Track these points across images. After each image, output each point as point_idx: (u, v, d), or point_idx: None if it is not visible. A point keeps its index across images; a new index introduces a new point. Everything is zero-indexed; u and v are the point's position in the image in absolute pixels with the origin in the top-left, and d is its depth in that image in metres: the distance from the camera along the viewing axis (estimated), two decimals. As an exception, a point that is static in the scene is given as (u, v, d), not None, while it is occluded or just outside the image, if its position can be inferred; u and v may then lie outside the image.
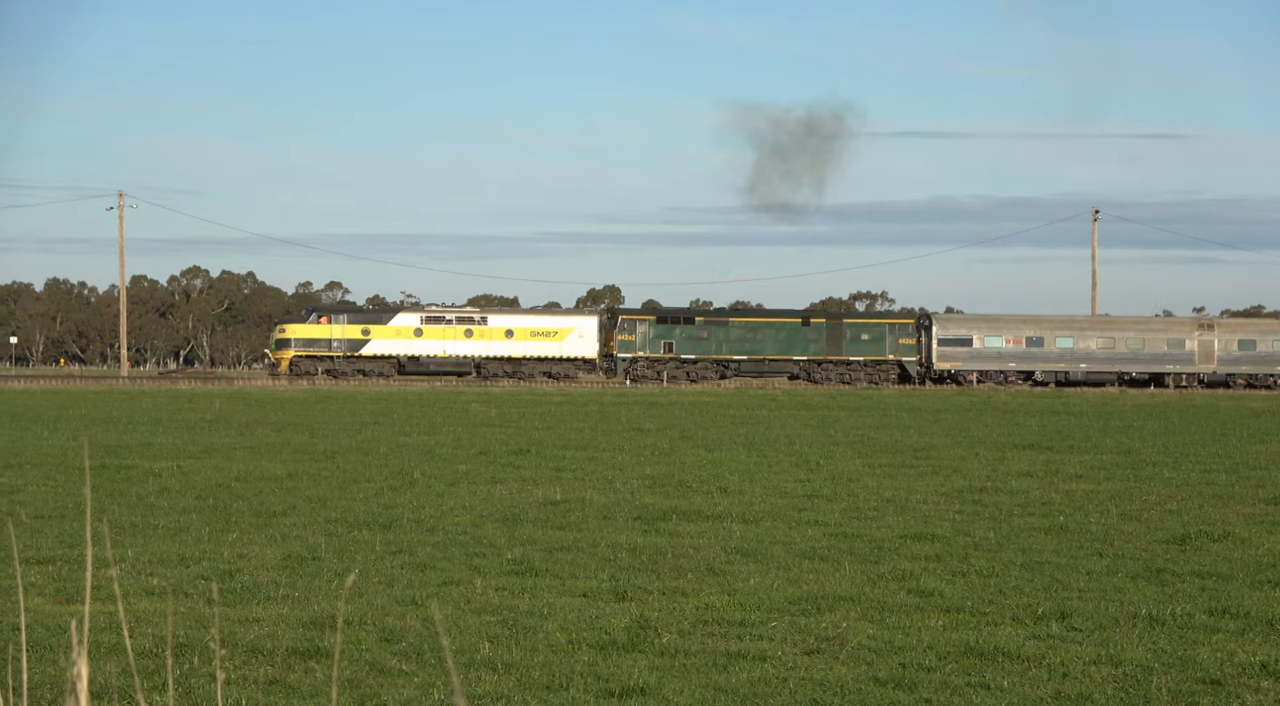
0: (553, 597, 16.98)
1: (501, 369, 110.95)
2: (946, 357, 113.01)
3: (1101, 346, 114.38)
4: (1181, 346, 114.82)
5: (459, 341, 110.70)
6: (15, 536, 21.24)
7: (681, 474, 32.17)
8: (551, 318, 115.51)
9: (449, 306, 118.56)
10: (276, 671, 13.44)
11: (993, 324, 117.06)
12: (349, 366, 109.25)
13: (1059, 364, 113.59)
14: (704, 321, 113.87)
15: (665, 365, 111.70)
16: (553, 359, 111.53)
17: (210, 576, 18.08)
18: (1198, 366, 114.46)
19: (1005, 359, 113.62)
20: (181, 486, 28.56)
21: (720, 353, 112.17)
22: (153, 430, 46.14)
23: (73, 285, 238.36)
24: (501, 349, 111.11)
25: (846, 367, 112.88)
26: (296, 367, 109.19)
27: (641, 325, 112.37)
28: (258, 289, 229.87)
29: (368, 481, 29.89)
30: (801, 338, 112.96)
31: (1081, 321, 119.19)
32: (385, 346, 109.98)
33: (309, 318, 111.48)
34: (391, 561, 19.42)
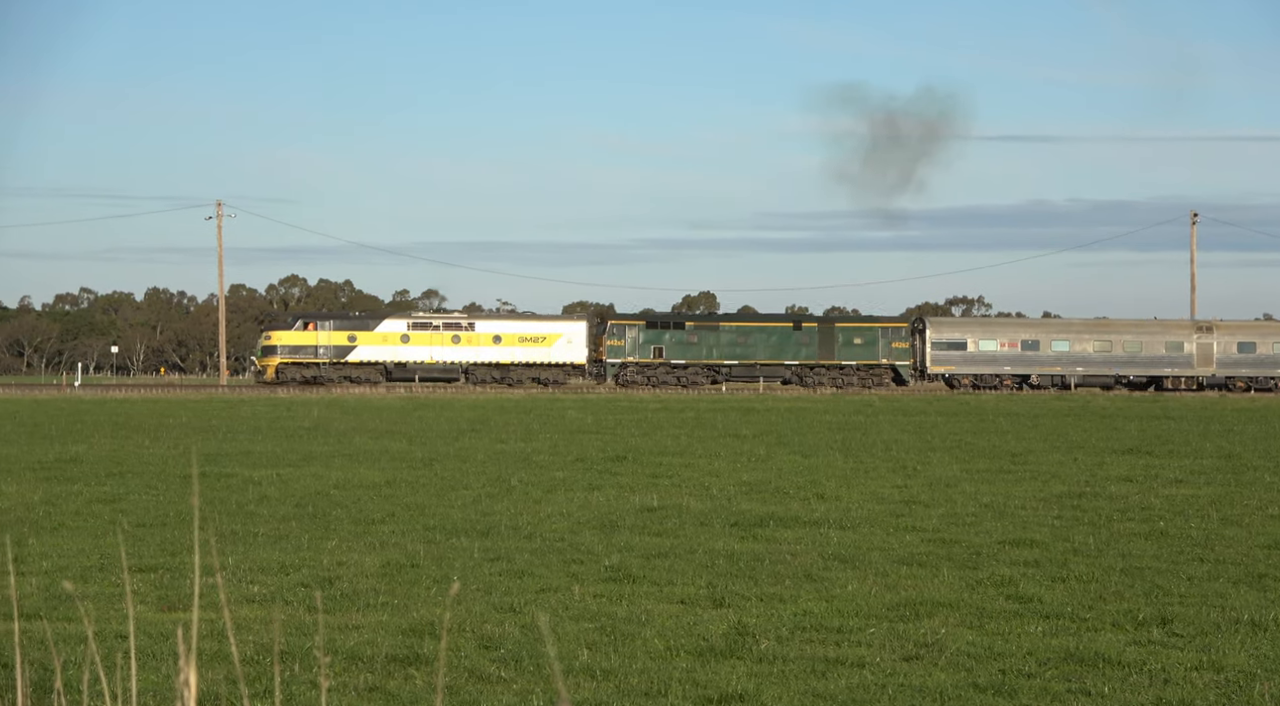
0: (650, 604, 16.99)
1: (489, 375, 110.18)
2: (940, 361, 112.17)
3: (1098, 349, 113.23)
4: (1180, 349, 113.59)
5: (446, 347, 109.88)
6: (119, 544, 21.43)
7: (778, 480, 32.12)
8: (540, 323, 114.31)
9: (436, 312, 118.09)
10: (376, 678, 13.51)
11: (987, 327, 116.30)
12: (335, 373, 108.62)
13: (1055, 367, 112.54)
14: (694, 326, 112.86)
15: (655, 370, 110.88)
16: (541, 365, 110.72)
17: (310, 584, 18.19)
18: (1196, 369, 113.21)
19: (1000, 362, 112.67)
20: (281, 494, 28.74)
21: (711, 357, 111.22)
22: (252, 438, 46.46)
23: (172, 294, 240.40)
24: (489, 355, 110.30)
25: (839, 372, 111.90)
26: (283, 375, 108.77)
27: (631, 330, 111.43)
28: (355, 297, 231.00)
29: (465, 488, 30.00)
30: (793, 342, 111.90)
31: (1078, 324, 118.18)
32: (372, 353, 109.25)
33: (294, 324, 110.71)
34: (489, 568, 19.48)
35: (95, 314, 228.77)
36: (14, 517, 24.63)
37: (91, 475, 32.61)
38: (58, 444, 43.20)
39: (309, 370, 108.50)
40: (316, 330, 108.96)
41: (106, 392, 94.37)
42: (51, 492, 28.76)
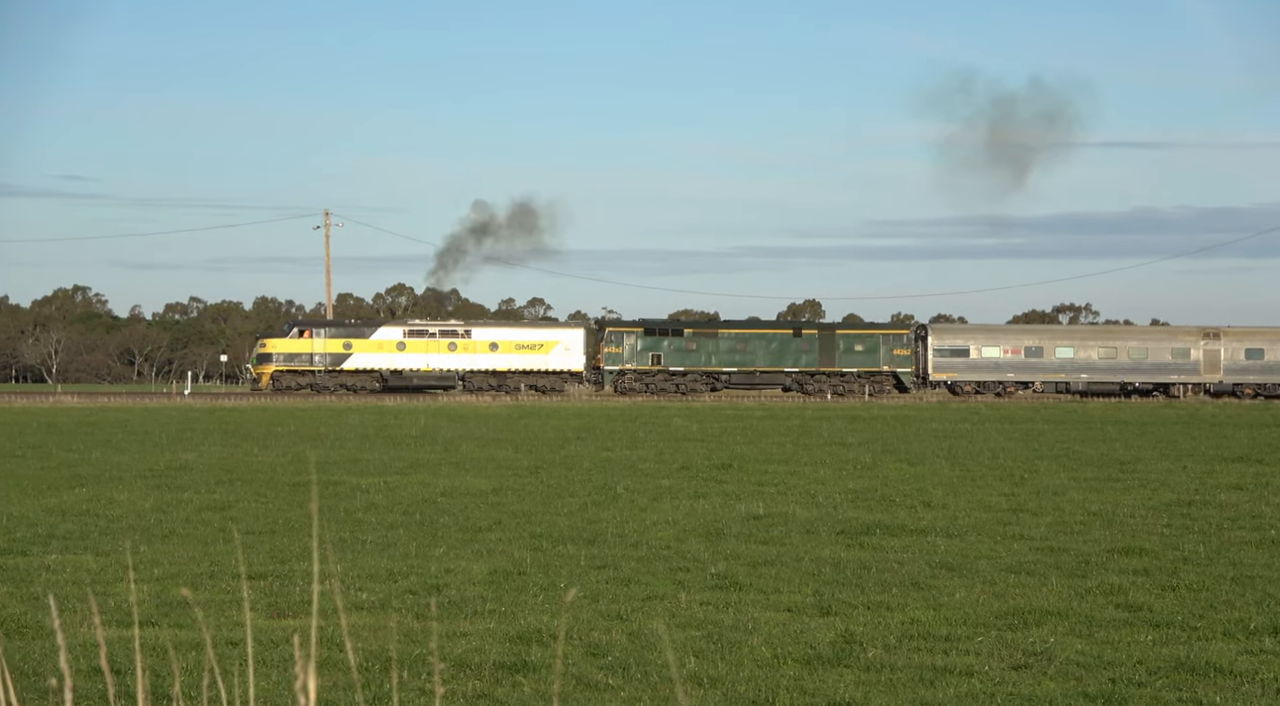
0: (757, 612, 16.98)
1: (486, 382, 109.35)
2: (943, 368, 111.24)
3: (1103, 356, 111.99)
4: (1186, 356, 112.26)
5: (442, 355, 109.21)
6: (230, 551, 21.62)
7: (884, 488, 32.03)
8: (537, 330, 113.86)
9: (432, 319, 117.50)
10: (485, 685, 13.56)
11: (990, 334, 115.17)
12: (331, 381, 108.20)
13: (1059, 374, 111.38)
14: (693, 333, 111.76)
15: (653, 377, 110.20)
16: (538, 372, 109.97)
17: (418, 591, 18.29)
18: (1203, 376, 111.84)
19: (1003, 369, 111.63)
20: (388, 502, 28.90)
21: (709, 364, 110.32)
22: (359, 446, 46.74)
23: (280, 303, 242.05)
24: (486, 362, 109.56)
25: (840, 379, 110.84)
26: (278, 382, 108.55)
27: (629, 337, 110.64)
28: (461, 306, 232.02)
29: (571, 496, 30.07)
30: (793, 349, 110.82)
31: (1083, 331, 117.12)
32: (368, 360, 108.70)
33: (290, 332, 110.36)
34: (596, 576, 19.52)
35: (204, 323, 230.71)
36: (125, 525, 24.88)
37: (201, 483, 32.90)
38: (168, 452, 43.60)
39: (304, 377, 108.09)
40: (312, 338, 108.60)
41: (216, 401, 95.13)
42: (162, 500, 29.04)
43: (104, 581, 18.94)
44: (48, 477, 34.22)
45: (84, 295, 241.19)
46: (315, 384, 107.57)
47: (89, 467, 37.29)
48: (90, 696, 12.89)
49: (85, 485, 32.22)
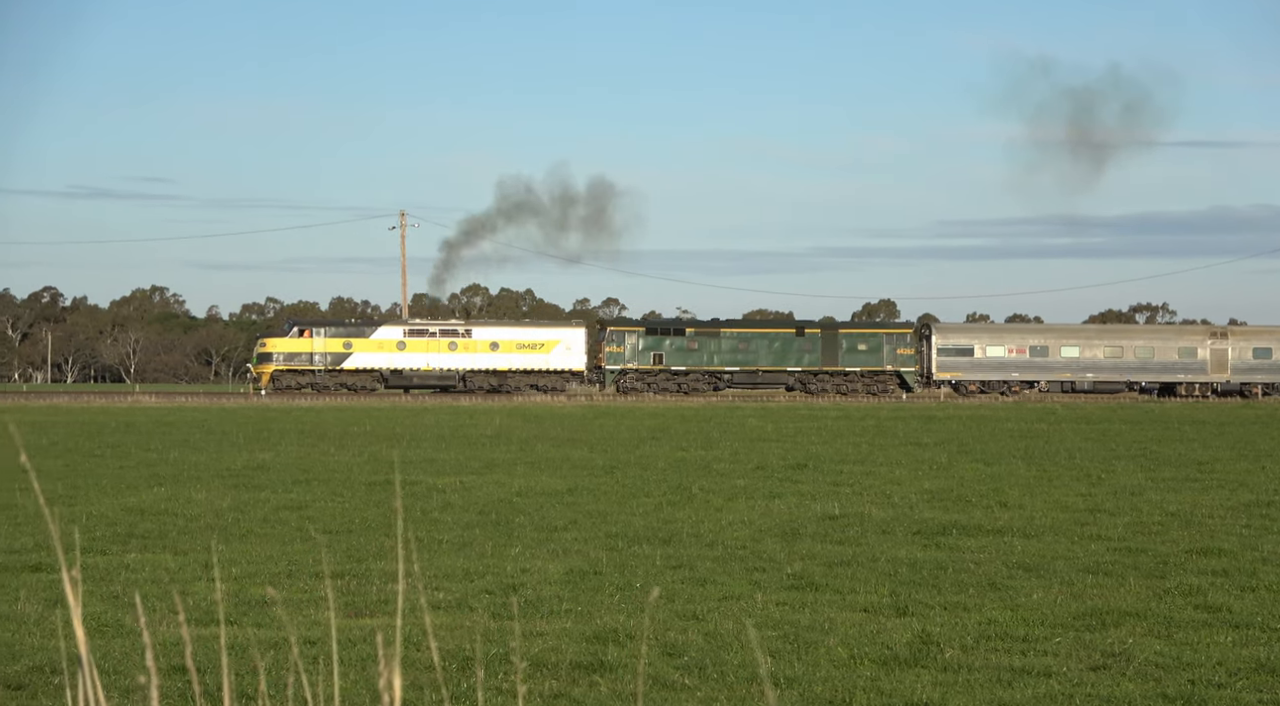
0: (833, 612, 16.95)
1: (487, 382, 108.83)
2: (947, 367, 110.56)
3: (1109, 355, 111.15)
4: (1193, 355, 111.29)
5: (443, 354, 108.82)
6: (307, 550, 21.73)
7: (960, 488, 31.93)
8: (538, 329, 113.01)
9: (432, 319, 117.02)
10: (561, 685, 13.58)
11: (995, 333, 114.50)
12: (331, 380, 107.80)
13: (1064, 374, 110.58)
14: (695, 332, 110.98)
15: (655, 377, 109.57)
16: (539, 371, 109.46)
17: (494, 590, 18.33)
18: (1210, 375, 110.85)
19: (1008, 369, 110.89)
20: (465, 501, 28.98)
21: (712, 364, 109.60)
22: (435, 446, 46.87)
23: (356, 304, 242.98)
24: (486, 362, 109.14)
25: (843, 378, 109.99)
26: (278, 382, 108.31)
27: (630, 337, 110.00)
28: (536, 306, 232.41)
29: (647, 496, 30.08)
30: (796, 348, 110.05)
31: (1088, 330, 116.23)
32: (368, 360, 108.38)
33: (290, 331, 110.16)
34: (671, 576, 19.52)
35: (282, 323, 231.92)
36: (203, 524, 25.03)
37: (278, 482, 33.06)
38: (245, 451, 43.83)
39: (304, 377, 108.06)
40: (312, 337, 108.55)
41: (292, 401, 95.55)
42: (240, 500, 29.20)
43: (182, 580, 19.07)
44: (126, 477, 34.46)
45: (162, 295, 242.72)
46: (315, 383, 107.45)
47: (167, 467, 37.54)
48: (174, 694, 12.97)
49: (163, 484, 32.43)
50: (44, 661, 14.22)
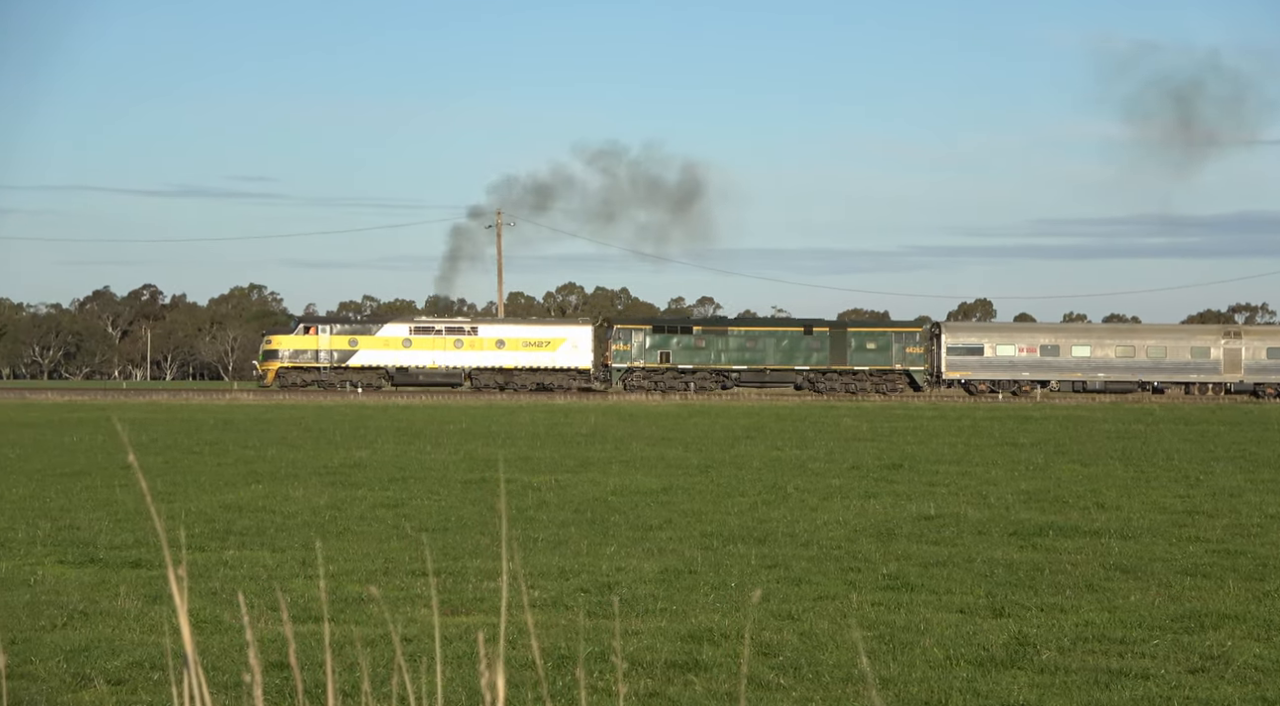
0: (929, 613, 16.90)
1: (493, 380, 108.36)
2: (956, 367, 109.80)
3: (1120, 355, 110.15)
4: (1206, 355, 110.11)
5: (449, 352, 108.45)
6: (404, 548, 21.83)
7: (1057, 489, 31.76)
8: (544, 327, 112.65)
9: (438, 317, 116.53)
10: (656, 684, 13.60)
11: (1005, 332, 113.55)
12: (336, 377, 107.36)
13: (1075, 373, 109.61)
14: (702, 330, 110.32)
15: (662, 375, 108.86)
16: (546, 369, 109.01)
17: (589, 589, 18.36)
18: (1224, 375, 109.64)
19: (1019, 368, 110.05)
20: (560, 500, 29.04)
21: (719, 362, 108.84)
22: (530, 444, 47.00)
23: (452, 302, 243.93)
24: (492, 359, 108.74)
25: (852, 377, 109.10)
26: (283, 379, 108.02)
27: (637, 335, 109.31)
28: (631, 305, 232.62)
29: (741, 495, 30.07)
30: (804, 347, 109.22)
31: (1100, 329, 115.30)
32: (373, 357, 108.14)
33: (296, 328, 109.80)
34: (766, 575, 19.51)
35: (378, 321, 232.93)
36: (301, 522, 25.19)
37: (375, 480, 33.23)
38: (342, 449, 44.07)
39: (310, 374, 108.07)
40: (318, 334, 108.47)
41: (388, 398, 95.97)
42: (336, 497, 29.36)
43: (280, 577, 19.19)
44: (225, 474, 34.73)
45: (259, 294, 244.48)
46: (321, 381, 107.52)
47: (265, 464, 37.80)
48: (274, 691, 13.06)
49: (261, 482, 32.66)
50: (144, 657, 14.35)
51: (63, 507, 27.16)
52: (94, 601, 17.32)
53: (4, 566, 20.07)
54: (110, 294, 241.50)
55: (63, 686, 13.37)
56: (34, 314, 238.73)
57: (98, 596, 17.67)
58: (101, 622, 16.10)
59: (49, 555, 21.12)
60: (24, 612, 16.62)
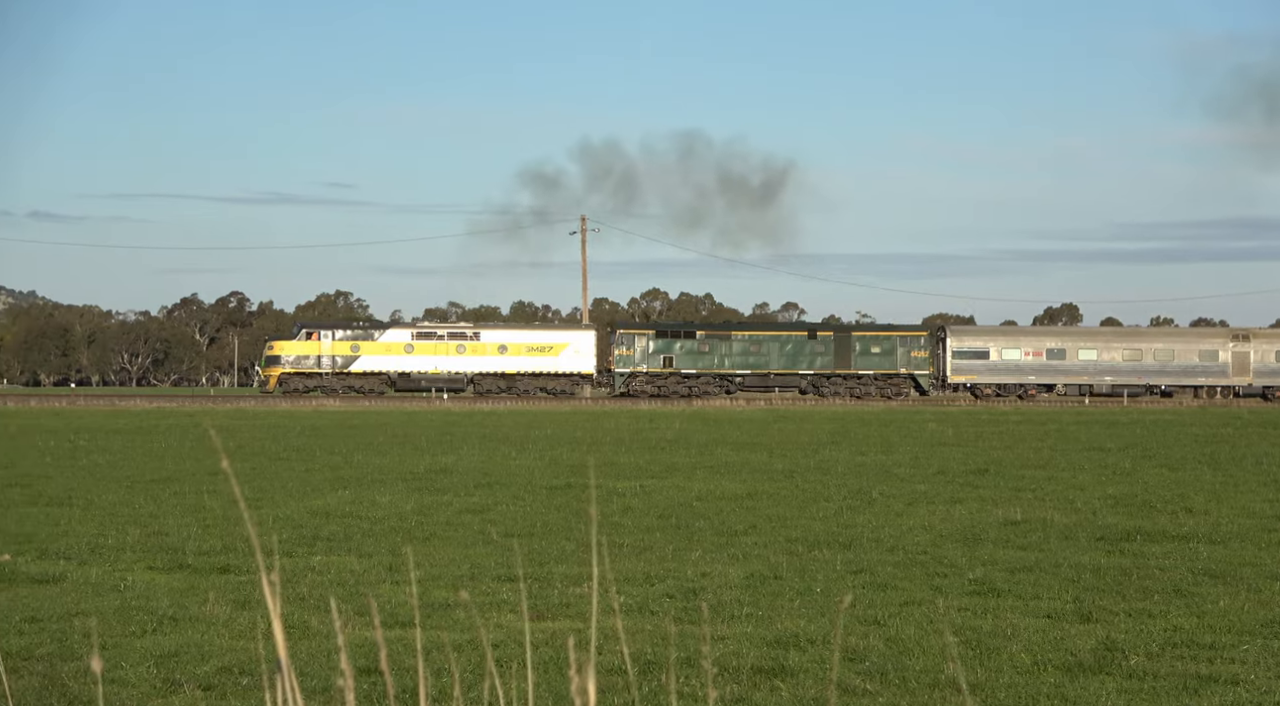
0: (1016, 618, 16.83)
1: (495, 385, 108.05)
2: (962, 371, 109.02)
3: (1127, 358, 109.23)
4: (1214, 358, 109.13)
5: (451, 357, 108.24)
6: (490, 553, 21.89)
7: (1144, 493, 31.56)
8: (547, 332, 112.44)
9: (441, 322, 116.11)
10: (743, 689, 13.58)
11: (1011, 336, 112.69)
12: (339, 383, 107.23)
13: (1082, 377, 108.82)
14: (705, 335, 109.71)
15: (665, 380, 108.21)
16: (548, 374, 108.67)
17: (675, 594, 18.36)
18: (1232, 378, 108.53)
19: (1025, 372, 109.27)
20: (644, 505, 29.06)
21: (723, 367, 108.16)
22: (615, 450, 47.05)
23: (536, 308, 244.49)
24: (495, 364, 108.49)
25: (856, 382, 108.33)
26: (285, 385, 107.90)
27: (640, 339, 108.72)
28: (715, 310, 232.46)
29: (826, 501, 30.02)
30: (808, 351, 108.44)
31: (1106, 333, 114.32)
32: (376, 363, 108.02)
33: (298, 334, 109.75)
34: (852, 580, 19.47)
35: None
36: (387, 527, 25.29)
37: (461, 486, 33.34)
38: (428, 455, 44.24)
39: (312, 380, 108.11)
40: (320, 340, 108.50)
41: (473, 405, 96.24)
42: (423, 503, 29.47)
43: (367, 583, 19.27)
44: (312, 480, 34.91)
45: (345, 300, 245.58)
46: (323, 386, 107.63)
47: (351, 470, 37.99)
48: (365, 697, 13.13)
49: (348, 487, 32.82)
50: (233, 662, 14.45)
51: (152, 514, 27.37)
52: (183, 607, 17.45)
53: (95, 572, 20.25)
54: (198, 301, 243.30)
55: (153, 691, 13.48)
56: (123, 321, 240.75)
57: (187, 602, 17.80)
58: (190, 628, 16.22)
59: (139, 561, 21.29)
60: (114, 618, 16.76)
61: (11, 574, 19.98)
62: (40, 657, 14.68)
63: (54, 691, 13.36)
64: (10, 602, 17.72)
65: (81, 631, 15.94)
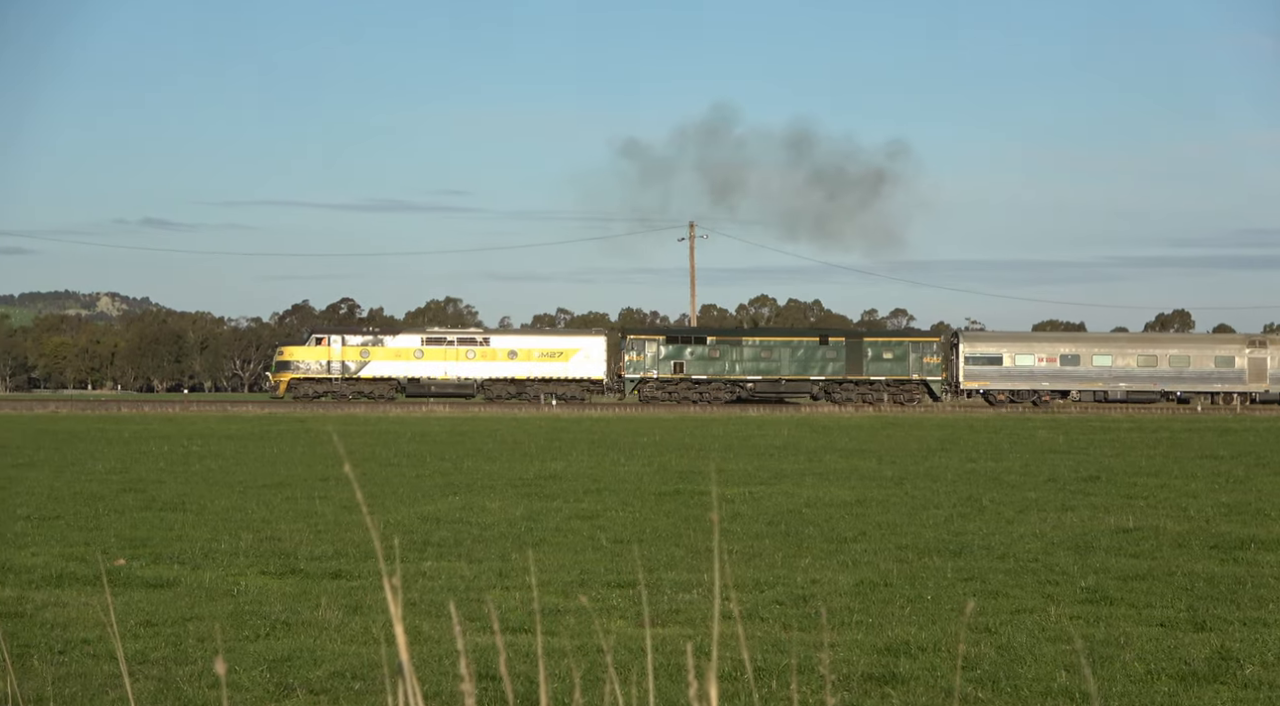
0: (1129, 626, 16.71)
1: (505, 390, 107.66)
2: (974, 376, 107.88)
3: (1142, 364, 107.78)
4: (1230, 364, 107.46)
5: (461, 362, 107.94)
6: (599, 559, 21.93)
7: (1259, 501, 31.26)
8: (557, 338, 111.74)
9: (451, 327, 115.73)
10: (853, 697, 13.55)
11: (1025, 342, 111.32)
12: (348, 388, 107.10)
13: (1096, 383, 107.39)
14: (716, 341, 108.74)
15: (675, 386, 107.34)
16: (558, 380, 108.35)
17: (784, 601, 18.34)
18: (1248, 385, 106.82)
19: (1038, 378, 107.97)
20: (753, 512, 29.04)
21: (733, 373, 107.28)
22: (723, 456, 47.04)
23: (645, 314, 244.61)
24: (505, 370, 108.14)
25: (869, 388, 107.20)
26: (296, 391, 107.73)
27: (650, 345, 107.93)
28: (823, 317, 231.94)
29: (936, 508, 29.90)
30: (819, 357, 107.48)
31: (1121, 338, 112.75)
32: (385, 368, 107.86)
33: (308, 339, 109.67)
34: (963, 588, 19.39)
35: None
36: (497, 533, 25.39)
37: (570, 492, 33.41)
38: (537, 461, 44.37)
39: (322, 385, 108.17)
40: (329, 346, 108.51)
41: (581, 411, 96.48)
42: (532, 509, 29.56)
43: (477, 588, 19.35)
44: (422, 486, 35.08)
45: (455, 307, 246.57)
46: (333, 392, 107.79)
47: (461, 476, 38.15)
48: (486, 702, 13.19)
49: (458, 493, 32.96)
50: (345, 667, 14.55)
51: (264, 519, 27.59)
52: (295, 611, 17.58)
53: (208, 577, 20.44)
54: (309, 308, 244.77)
55: (266, 695, 13.59)
56: (235, 328, 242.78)
57: (299, 607, 17.94)
58: (303, 632, 16.34)
59: (252, 566, 21.46)
60: (228, 622, 16.92)
61: (127, 578, 20.20)
62: (155, 661, 14.84)
63: (169, 695, 13.50)
64: (126, 607, 17.91)
65: (196, 635, 16.11)
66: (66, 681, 13.93)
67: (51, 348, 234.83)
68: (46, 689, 13.56)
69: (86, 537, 24.70)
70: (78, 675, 14.21)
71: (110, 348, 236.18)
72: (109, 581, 19.74)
